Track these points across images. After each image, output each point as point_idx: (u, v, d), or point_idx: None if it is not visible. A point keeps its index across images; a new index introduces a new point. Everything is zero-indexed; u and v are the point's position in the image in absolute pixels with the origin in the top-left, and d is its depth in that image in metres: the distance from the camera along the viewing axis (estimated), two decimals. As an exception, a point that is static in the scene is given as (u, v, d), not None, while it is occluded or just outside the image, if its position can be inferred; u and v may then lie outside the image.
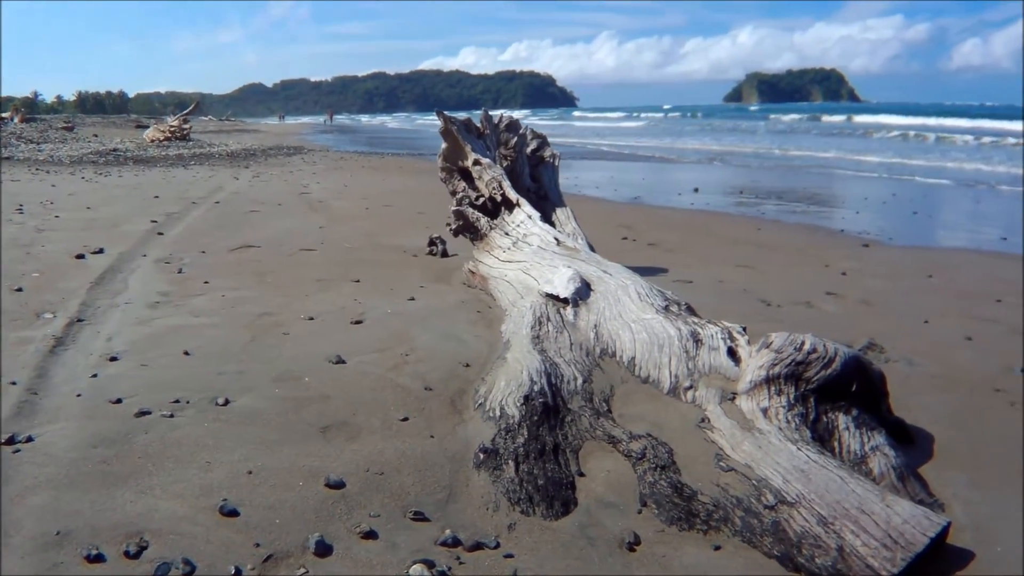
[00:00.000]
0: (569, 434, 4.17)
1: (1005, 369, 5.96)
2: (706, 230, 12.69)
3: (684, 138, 49.91)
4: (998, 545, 3.60)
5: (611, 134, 57.73)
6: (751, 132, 57.10)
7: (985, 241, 12.51)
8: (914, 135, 45.68)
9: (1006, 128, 48.81)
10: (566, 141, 44.04)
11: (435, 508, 3.65)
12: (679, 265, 9.31)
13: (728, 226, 13.29)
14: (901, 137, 44.81)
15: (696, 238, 11.74)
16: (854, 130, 53.13)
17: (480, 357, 5.31)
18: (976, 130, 48.10)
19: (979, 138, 41.03)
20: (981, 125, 52.73)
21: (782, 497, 3.49)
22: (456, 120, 8.07)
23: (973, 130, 47.90)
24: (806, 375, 4.13)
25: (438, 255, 9.21)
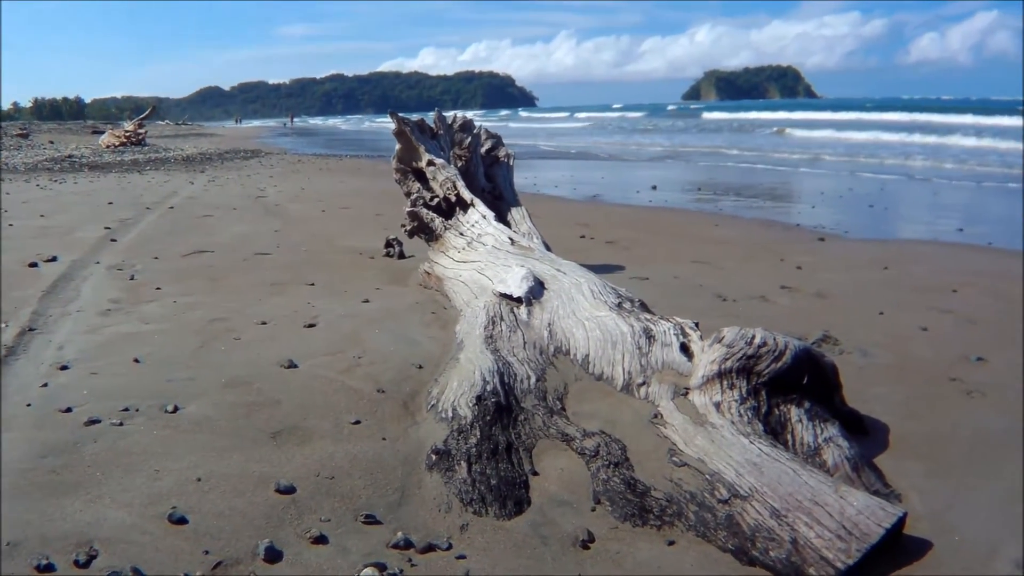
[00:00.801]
0: (522, 433, 4.16)
1: (961, 358, 6.01)
2: (663, 227, 12.72)
3: (634, 135, 50.26)
4: (956, 534, 3.61)
5: (559, 135, 57.84)
6: (685, 131, 57.56)
7: (942, 232, 12.64)
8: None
9: (963, 122, 49.44)
10: (519, 143, 44.03)
11: (387, 511, 3.62)
12: (636, 262, 9.32)
13: (685, 223, 13.35)
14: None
15: (653, 235, 11.77)
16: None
17: (433, 358, 5.29)
18: (929, 125, 48.64)
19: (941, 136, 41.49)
20: (932, 120, 53.34)
21: (735, 491, 3.49)
22: (409, 121, 8.04)
23: (931, 125, 48.43)
24: (757, 368, 4.13)
25: (395, 257, 9.17)
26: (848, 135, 42.56)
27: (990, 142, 34.00)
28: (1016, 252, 10.83)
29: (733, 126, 60.46)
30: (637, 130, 61.12)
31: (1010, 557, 3.42)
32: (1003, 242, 11.59)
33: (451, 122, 8.62)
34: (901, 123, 50.12)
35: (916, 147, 34.20)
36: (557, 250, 7.56)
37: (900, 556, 3.41)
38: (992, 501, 3.92)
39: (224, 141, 47.33)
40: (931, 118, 53.78)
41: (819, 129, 47.68)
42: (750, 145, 38.81)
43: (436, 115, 8.48)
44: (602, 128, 66.29)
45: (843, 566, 3.12)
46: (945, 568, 3.37)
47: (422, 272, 7.50)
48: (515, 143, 37.41)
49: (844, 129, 45.63)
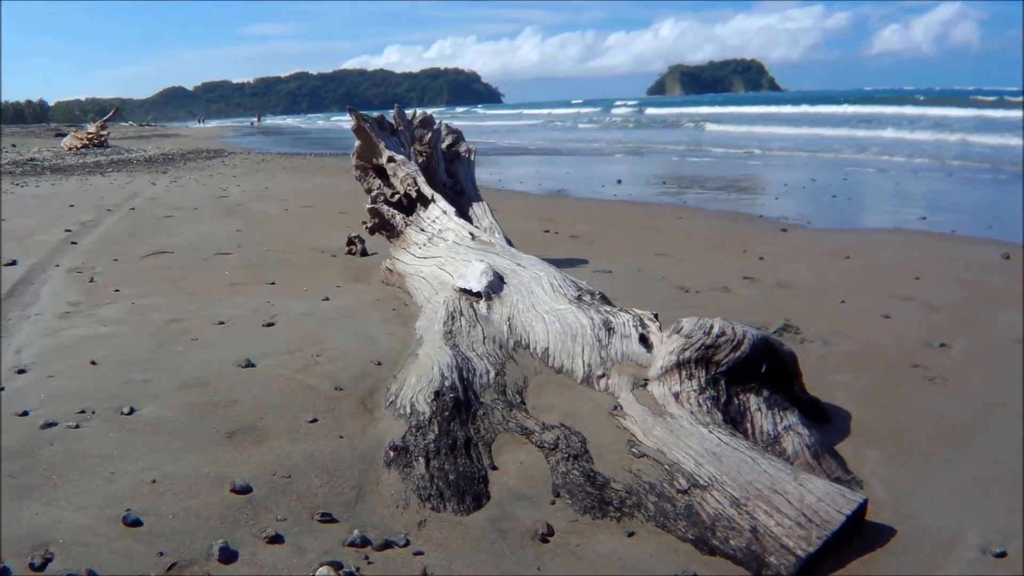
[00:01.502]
0: (482, 428, 4.13)
1: (924, 345, 6.04)
2: (628, 220, 12.73)
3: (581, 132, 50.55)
4: (919, 520, 3.62)
5: (520, 131, 57.88)
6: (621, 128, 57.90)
7: (904, 221, 12.73)
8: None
9: (928, 114, 49.90)
10: (487, 140, 44.00)
11: (343, 509, 3.59)
12: (600, 256, 9.32)
13: (650, 216, 13.37)
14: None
15: (617, 229, 11.77)
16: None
17: (393, 355, 5.25)
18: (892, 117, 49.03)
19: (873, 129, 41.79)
20: (892, 110, 53.78)
21: (695, 480, 3.49)
22: (369, 117, 7.99)
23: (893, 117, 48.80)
24: (716, 358, 4.13)
25: (357, 254, 9.11)
26: (770, 129, 42.75)
27: (936, 134, 34.18)
28: (979, 239, 10.93)
29: (668, 120, 60.87)
30: (571, 128, 61.29)
31: (974, 543, 3.43)
32: (966, 230, 11.67)
33: (411, 118, 8.58)
34: (842, 115, 50.71)
35: (842, 141, 34.40)
36: (521, 245, 7.53)
37: (863, 543, 3.42)
38: (955, 487, 3.94)
39: (187, 141, 47.00)
40: (883, 110, 54.23)
41: (743, 124, 48.11)
42: (669, 139, 39.21)
43: (396, 111, 8.43)
44: (553, 125, 66.34)
45: (804, 554, 3.12)
46: (909, 554, 3.37)
47: (384, 269, 7.45)
48: (480, 140, 37.58)
49: (775, 124, 45.85)
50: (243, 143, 45.80)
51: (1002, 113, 44.96)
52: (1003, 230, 11.56)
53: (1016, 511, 3.67)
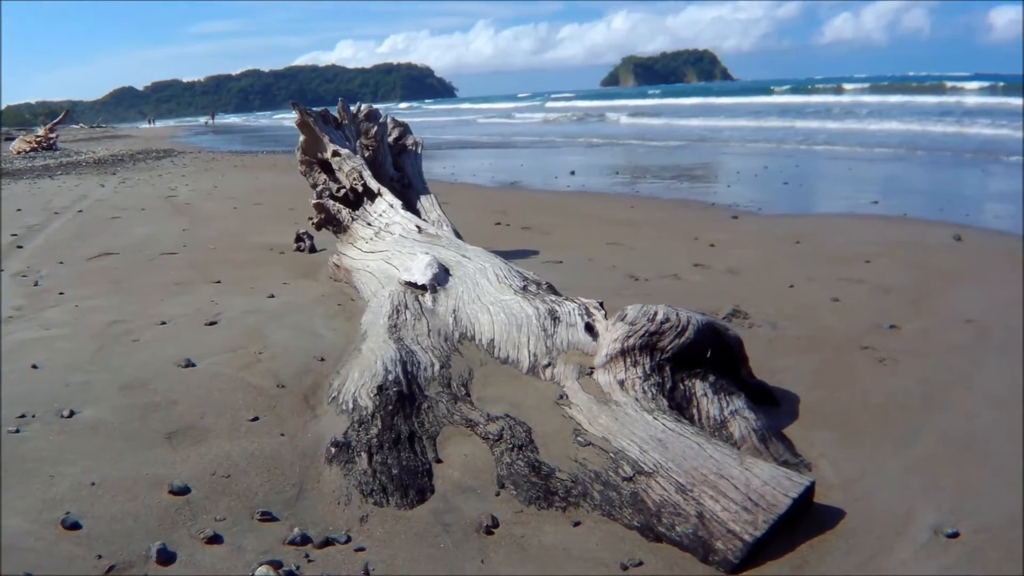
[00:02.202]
0: (426, 421, 4.08)
1: (873, 326, 6.07)
2: (580, 211, 12.72)
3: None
4: (870, 502, 3.62)
5: (469, 124, 57.88)
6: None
7: (856, 205, 12.84)
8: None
9: (881, 101, 50.52)
10: (444, 135, 43.90)
11: (284, 507, 3.54)
12: (551, 246, 9.29)
13: (602, 206, 13.37)
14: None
15: (569, 219, 11.76)
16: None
17: (336, 350, 5.17)
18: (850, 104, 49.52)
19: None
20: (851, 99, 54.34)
21: (640, 468, 3.46)
22: (312, 112, 7.90)
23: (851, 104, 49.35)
24: (660, 345, 4.10)
25: (306, 251, 9.01)
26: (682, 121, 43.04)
27: (889, 121, 34.54)
28: (931, 222, 11.02)
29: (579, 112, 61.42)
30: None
31: (926, 523, 3.43)
32: (918, 213, 11.76)
33: (356, 111, 8.49)
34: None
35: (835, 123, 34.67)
36: (472, 237, 7.48)
37: (812, 526, 3.41)
38: (906, 468, 3.94)
39: (137, 142, 46.39)
40: (837, 99, 54.79)
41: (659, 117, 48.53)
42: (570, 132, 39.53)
43: (340, 105, 8.35)
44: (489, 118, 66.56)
45: (751, 538, 3.11)
46: (859, 536, 3.37)
47: (331, 264, 7.36)
48: (434, 133, 37.52)
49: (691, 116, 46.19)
50: (194, 142, 45.35)
51: (955, 99, 45.61)
52: (955, 212, 11.69)
53: (968, 491, 3.68)
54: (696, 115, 47.17)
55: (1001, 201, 13.32)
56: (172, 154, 31.26)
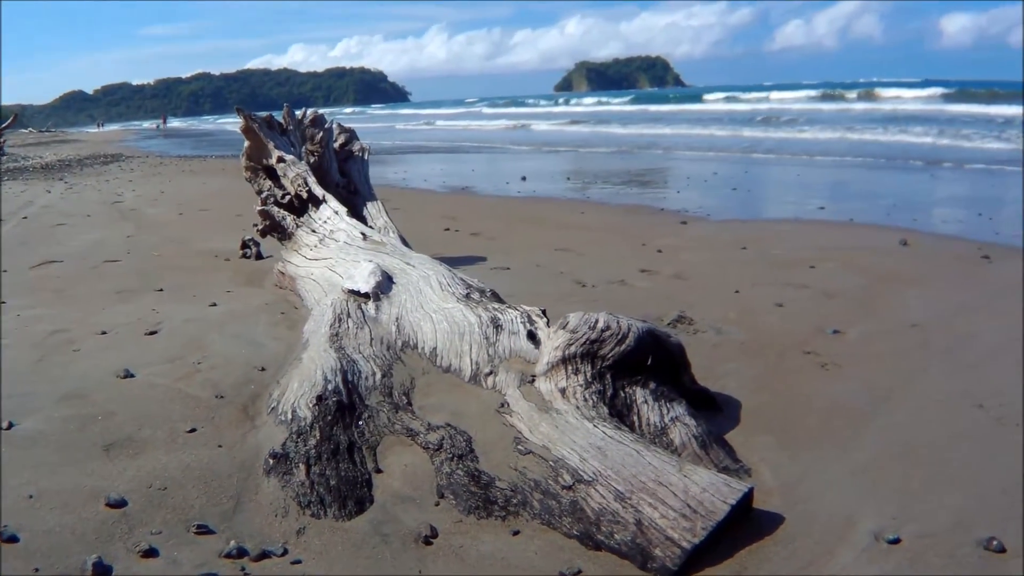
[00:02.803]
0: (366, 431, 4.06)
1: (816, 331, 6.12)
2: (529, 217, 12.72)
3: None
4: (809, 507, 3.63)
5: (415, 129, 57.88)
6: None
7: (803, 211, 12.95)
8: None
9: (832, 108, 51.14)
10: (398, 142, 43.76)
11: (221, 520, 3.49)
12: (499, 252, 9.27)
13: (552, 211, 13.38)
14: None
15: (519, 225, 11.75)
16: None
17: (277, 360, 5.12)
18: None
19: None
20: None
21: (579, 476, 3.46)
22: (257, 117, 7.84)
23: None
24: (601, 352, 4.11)
25: (252, 258, 8.91)
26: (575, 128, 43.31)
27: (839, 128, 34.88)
28: (878, 226, 11.14)
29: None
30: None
31: (866, 529, 3.45)
32: (865, 218, 11.89)
33: (301, 117, 8.44)
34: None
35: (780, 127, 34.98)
36: (421, 243, 7.45)
37: (752, 531, 3.42)
38: (847, 473, 3.97)
39: (86, 146, 45.72)
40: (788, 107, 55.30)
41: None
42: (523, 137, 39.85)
43: (286, 111, 8.30)
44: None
45: (689, 545, 3.11)
46: (798, 541, 3.38)
47: (276, 272, 7.30)
48: (386, 138, 37.36)
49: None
50: (143, 147, 44.85)
51: (904, 107, 46.20)
52: (902, 217, 11.84)
53: (910, 496, 3.71)
54: (647, 121, 47.40)
55: (949, 206, 13.51)
56: (120, 159, 30.87)
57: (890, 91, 59.06)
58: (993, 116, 35.26)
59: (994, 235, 10.37)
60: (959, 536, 3.38)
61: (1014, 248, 9.50)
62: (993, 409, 4.67)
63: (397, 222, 8.06)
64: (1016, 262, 8.67)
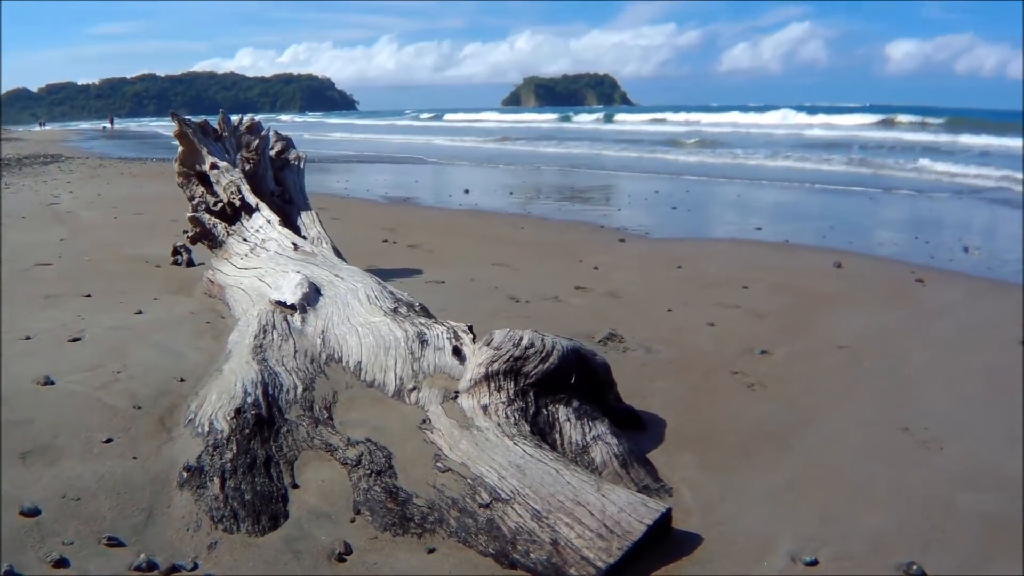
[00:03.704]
0: (284, 445, 4.00)
1: (745, 351, 6.17)
2: (469, 230, 12.72)
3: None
4: (728, 527, 3.65)
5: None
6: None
7: (740, 231, 13.06)
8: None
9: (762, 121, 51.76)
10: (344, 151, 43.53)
11: (132, 532, 3.45)
12: (436, 265, 9.23)
13: (492, 225, 13.38)
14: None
15: (458, 238, 11.73)
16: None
17: (198, 371, 5.04)
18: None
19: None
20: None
21: (497, 494, 3.45)
22: (192, 123, 7.74)
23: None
24: (524, 370, 4.11)
25: (183, 264, 8.78)
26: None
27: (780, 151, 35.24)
28: (813, 248, 11.26)
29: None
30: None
31: (784, 550, 3.47)
32: (800, 239, 12.02)
33: (237, 123, 8.35)
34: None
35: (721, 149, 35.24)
36: (357, 254, 7.41)
37: (669, 552, 3.43)
38: (768, 493, 4.00)
39: (28, 145, 44.83)
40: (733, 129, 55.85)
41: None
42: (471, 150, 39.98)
43: (221, 117, 8.21)
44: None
45: (604, 565, 3.11)
46: (716, 562, 3.40)
47: (206, 280, 7.19)
48: (331, 148, 37.14)
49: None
50: (85, 147, 44.15)
51: (846, 132, 46.85)
52: (838, 239, 11.99)
53: (830, 518, 3.74)
54: (593, 139, 47.51)
55: (887, 229, 13.71)
56: (60, 159, 30.32)
57: (835, 117, 59.72)
58: (939, 144, 35.82)
59: (929, 258, 10.55)
60: (878, 560, 3.41)
61: (949, 272, 9.68)
62: (918, 432, 4.74)
63: (336, 232, 8.02)
64: (950, 286, 8.82)
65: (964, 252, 11.24)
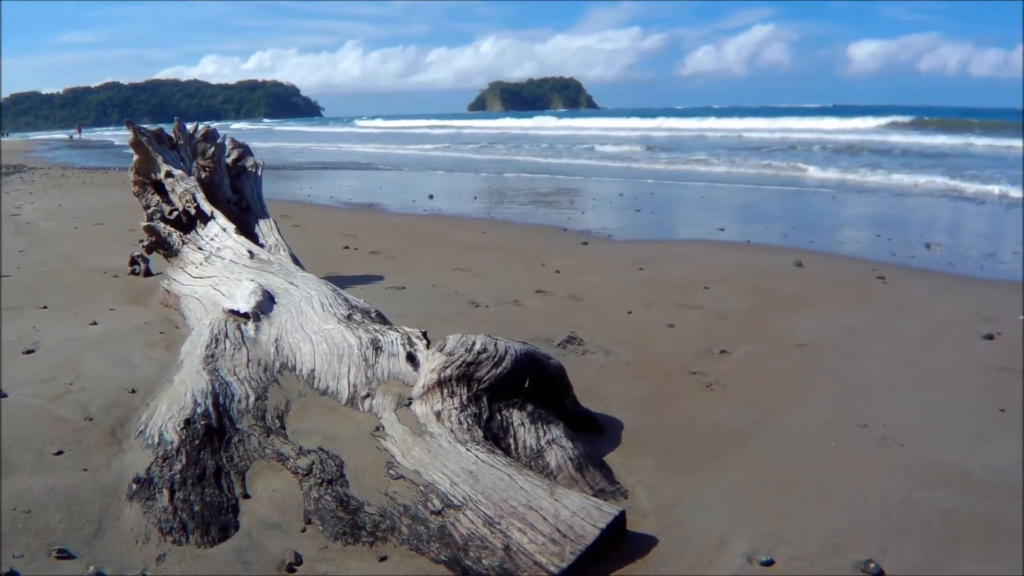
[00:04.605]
0: (235, 455, 3.97)
1: (704, 352, 6.18)
2: (432, 235, 12.66)
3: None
4: (683, 528, 3.65)
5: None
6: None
7: (704, 233, 13.09)
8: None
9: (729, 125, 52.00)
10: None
11: (82, 544, 3.42)
12: (397, 271, 9.20)
13: (455, 230, 13.33)
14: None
15: (420, 244, 11.67)
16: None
17: (150, 381, 4.98)
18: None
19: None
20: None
21: (449, 500, 3.44)
22: (147, 131, 7.69)
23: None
24: (477, 375, 4.10)
25: (141, 274, 8.69)
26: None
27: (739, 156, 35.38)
28: (774, 247, 11.32)
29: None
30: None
31: (740, 550, 3.47)
32: (762, 239, 12.08)
33: (192, 131, 8.29)
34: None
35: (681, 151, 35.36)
36: (318, 261, 7.36)
37: (624, 555, 3.42)
38: (724, 494, 3.99)
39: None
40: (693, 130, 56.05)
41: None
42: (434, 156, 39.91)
43: (176, 124, 8.15)
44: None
45: (557, 570, 3.10)
46: (670, 564, 3.39)
47: (162, 290, 7.12)
48: (295, 155, 36.93)
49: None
50: (48, 157, 43.69)
51: (806, 135, 47.16)
52: (799, 239, 12.06)
53: (786, 517, 3.74)
54: (558, 142, 47.58)
55: (849, 228, 13.79)
56: (23, 169, 30.01)
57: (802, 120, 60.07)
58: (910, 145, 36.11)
59: (890, 255, 10.62)
60: (835, 558, 3.42)
61: (910, 268, 9.74)
62: (877, 429, 4.76)
63: (298, 239, 7.98)
64: (912, 282, 8.89)
65: (927, 248, 11.34)
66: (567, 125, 75.41)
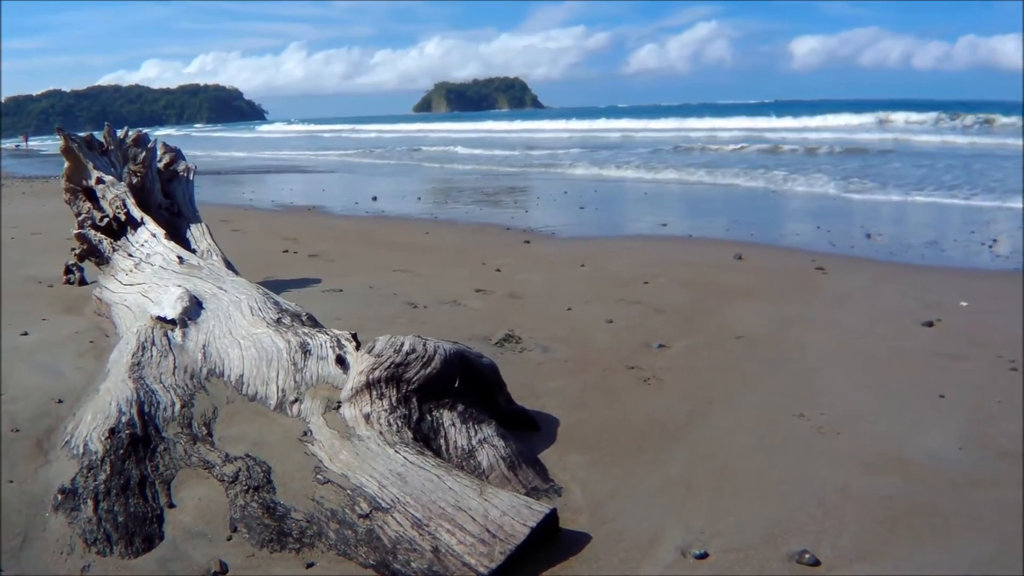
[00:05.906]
0: (161, 464, 3.92)
1: (642, 346, 6.19)
2: (373, 237, 12.59)
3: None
4: (616, 524, 3.65)
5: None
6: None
7: (646, 228, 13.15)
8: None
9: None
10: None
11: (8, 556, 3.38)
12: (335, 274, 9.13)
13: (397, 231, 13.27)
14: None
15: (361, 246, 11.62)
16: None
17: (77, 391, 4.90)
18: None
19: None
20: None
21: (377, 503, 3.42)
22: (77, 137, 7.59)
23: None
24: (406, 376, 4.08)
25: (76, 283, 8.55)
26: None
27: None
28: (715, 241, 11.38)
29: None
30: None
31: (673, 544, 3.48)
32: (704, 233, 12.15)
33: (123, 136, 8.18)
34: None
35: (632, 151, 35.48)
36: (256, 266, 7.28)
37: (556, 552, 3.42)
38: (658, 488, 4.00)
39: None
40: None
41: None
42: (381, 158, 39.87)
43: (106, 130, 8.05)
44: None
45: (486, 570, 3.10)
46: (603, 560, 3.40)
47: (94, 298, 7.01)
48: (234, 158, 36.59)
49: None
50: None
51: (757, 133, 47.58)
52: (740, 232, 12.14)
53: (720, 510, 3.76)
54: (508, 144, 47.57)
55: (790, 221, 13.92)
56: (-38, 179, 29.55)
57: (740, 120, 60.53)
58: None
59: (830, 246, 10.72)
60: (769, 550, 3.43)
61: (849, 258, 9.84)
62: (813, 418, 4.79)
63: (236, 243, 7.90)
64: (852, 272, 8.97)
65: (867, 238, 11.47)
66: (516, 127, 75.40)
